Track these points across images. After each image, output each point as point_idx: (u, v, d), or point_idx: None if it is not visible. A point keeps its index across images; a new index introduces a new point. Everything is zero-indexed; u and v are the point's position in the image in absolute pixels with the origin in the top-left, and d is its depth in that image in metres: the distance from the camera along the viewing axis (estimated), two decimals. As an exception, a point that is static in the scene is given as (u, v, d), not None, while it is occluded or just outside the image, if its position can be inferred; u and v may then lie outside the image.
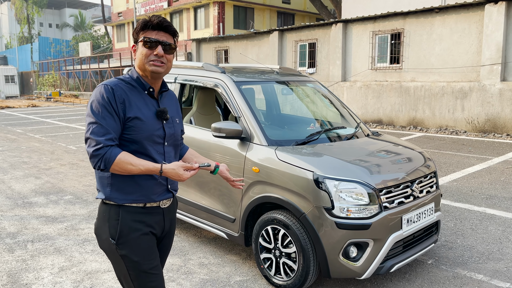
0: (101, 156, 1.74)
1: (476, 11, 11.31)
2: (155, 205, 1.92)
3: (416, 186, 3.25)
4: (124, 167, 1.75)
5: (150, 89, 1.92)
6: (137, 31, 1.88)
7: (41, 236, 4.37)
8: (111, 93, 1.81)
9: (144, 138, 1.85)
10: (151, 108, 1.90)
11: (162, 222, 1.97)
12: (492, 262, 3.70)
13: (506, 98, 10.73)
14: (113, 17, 38.28)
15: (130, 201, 1.86)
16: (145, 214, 1.90)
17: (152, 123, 1.87)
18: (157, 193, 1.91)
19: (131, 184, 1.85)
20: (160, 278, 1.95)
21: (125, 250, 1.86)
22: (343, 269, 2.94)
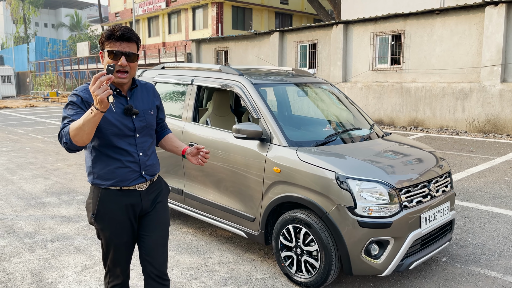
0: (61, 135, 2.00)
1: (477, 13, 11.46)
2: (131, 188, 2.21)
3: (433, 185, 3.34)
4: (75, 130, 1.92)
5: (116, 90, 2.16)
6: (102, 42, 2.10)
7: (59, 236, 4.42)
8: (78, 97, 2.08)
9: (112, 133, 2.11)
10: (120, 106, 2.14)
11: (140, 202, 2.24)
12: (504, 260, 3.81)
13: (506, 98, 10.88)
14: (110, 17, 38.23)
15: (108, 185, 2.16)
16: (121, 196, 2.19)
17: (120, 119, 2.13)
18: (130, 179, 2.19)
19: (108, 172, 2.15)
20: (128, 254, 2.29)
21: (100, 224, 2.21)
22: (364, 266, 3.03)
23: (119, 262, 2.28)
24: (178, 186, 4.34)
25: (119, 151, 2.15)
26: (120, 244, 2.24)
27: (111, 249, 2.24)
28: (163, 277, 2.30)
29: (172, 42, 30.92)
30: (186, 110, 4.33)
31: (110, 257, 2.27)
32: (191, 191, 4.21)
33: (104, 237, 2.23)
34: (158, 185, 2.37)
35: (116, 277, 2.31)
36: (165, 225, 2.37)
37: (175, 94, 4.75)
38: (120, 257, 2.27)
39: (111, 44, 2.06)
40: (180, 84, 4.56)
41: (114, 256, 2.26)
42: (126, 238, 2.25)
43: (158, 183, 2.37)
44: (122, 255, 2.27)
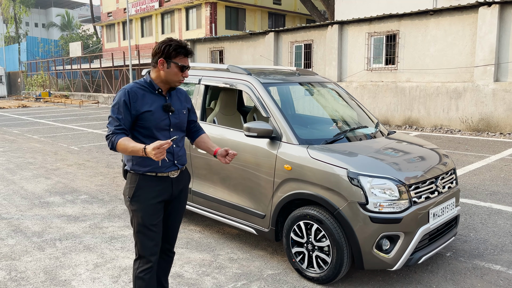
0: (110, 139, 2.38)
1: (470, 14, 11.64)
2: (165, 175, 2.53)
3: (440, 182, 3.44)
4: (122, 149, 2.35)
5: (159, 90, 2.52)
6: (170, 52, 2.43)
7: (67, 235, 4.45)
8: (127, 96, 2.43)
9: (153, 126, 2.46)
10: (159, 104, 2.50)
11: (171, 188, 2.56)
12: (506, 254, 3.91)
13: (499, 98, 11.07)
14: (102, 17, 38.01)
15: (145, 171, 2.48)
16: (156, 181, 2.50)
17: (159, 115, 2.48)
18: (165, 167, 2.51)
19: (146, 159, 2.45)
20: (156, 236, 2.54)
21: (135, 206, 2.48)
22: (376, 261, 3.11)
23: (149, 244, 2.51)
24: (186, 185, 4.38)
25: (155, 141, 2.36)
26: (151, 225, 2.50)
27: (142, 230, 2.49)
28: (171, 250, 2.80)
29: (166, 42, 30.80)
30: (193, 109, 4.37)
31: (141, 239, 2.50)
32: (199, 189, 4.26)
33: (137, 218, 2.49)
34: (186, 174, 2.72)
35: (147, 261, 2.53)
36: (183, 210, 2.78)
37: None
38: (150, 239, 2.51)
39: (180, 58, 2.45)
40: (187, 83, 4.60)
41: (145, 237, 2.50)
42: (156, 221, 2.52)
43: (186, 173, 2.72)
44: (152, 237, 2.51)
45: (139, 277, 2.54)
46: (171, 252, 2.79)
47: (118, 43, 35.77)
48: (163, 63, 2.44)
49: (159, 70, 2.45)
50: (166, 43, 2.43)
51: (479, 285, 3.35)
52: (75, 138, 11.59)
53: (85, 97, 29.44)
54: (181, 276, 3.52)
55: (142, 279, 2.54)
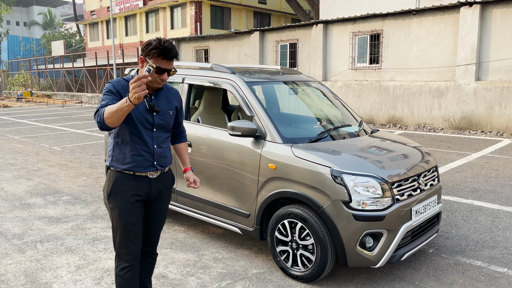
0: (98, 113, 2.27)
1: (452, 14, 11.82)
2: (143, 174, 2.47)
3: (422, 179, 3.48)
4: (109, 114, 2.19)
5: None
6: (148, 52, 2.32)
7: (48, 236, 4.37)
8: (113, 86, 2.39)
9: (136, 122, 2.40)
10: (143, 102, 2.42)
11: (149, 188, 2.50)
12: (487, 250, 3.98)
13: (480, 96, 11.27)
14: (85, 15, 37.51)
15: (123, 169, 2.44)
16: (134, 180, 2.46)
17: (142, 112, 2.42)
18: (143, 166, 2.46)
19: (125, 157, 2.43)
20: (135, 235, 2.49)
21: (112, 203, 2.46)
22: (359, 258, 3.13)
23: (126, 243, 2.48)
24: (170, 184, 4.34)
25: (137, 140, 2.44)
26: (128, 224, 2.46)
27: (119, 229, 2.47)
28: (153, 252, 2.75)
29: (150, 41, 30.54)
30: (177, 108, 4.34)
31: (119, 237, 2.49)
32: (183, 189, 4.23)
33: (114, 216, 2.47)
34: (168, 176, 2.64)
35: (124, 260, 2.52)
36: (165, 212, 2.71)
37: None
38: (128, 238, 2.48)
39: (157, 60, 2.30)
40: (171, 82, 4.56)
41: (122, 237, 2.47)
42: (134, 220, 2.48)
43: (168, 174, 2.64)
44: (130, 235, 2.48)
45: (119, 275, 2.53)
46: (154, 254, 2.75)
47: (102, 42, 35.34)
48: (143, 61, 2.38)
49: (141, 68, 2.41)
50: (148, 42, 2.36)
51: (460, 281, 3.40)
52: (57, 139, 11.41)
53: (68, 96, 29.01)
54: (165, 277, 3.49)
55: (123, 278, 2.53)
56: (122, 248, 2.50)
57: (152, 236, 2.67)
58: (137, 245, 2.52)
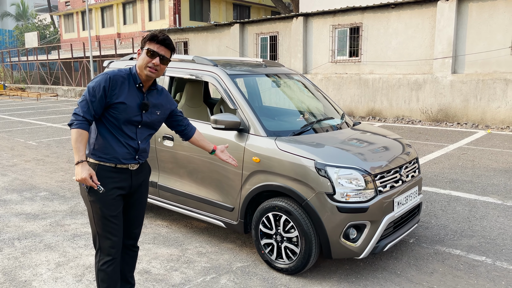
0: (74, 120, 2.31)
1: (429, 7, 11.99)
2: (124, 166, 2.48)
3: (404, 171, 3.52)
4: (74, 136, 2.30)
5: (140, 84, 2.46)
6: (145, 41, 2.41)
7: (26, 234, 4.26)
8: (108, 82, 2.36)
9: (123, 118, 2.41)
10: (136, 99, 2.44)
11: (130, 180, 2.52)
12: (465, 239, 4.08)
13: (456, 89, 11.51)
14: (59, 6, 36.52)
15: (105, 160, 2.42)
16: (115, 172, 2.45)
17: (133, 110, 2.42)
18: (126, 159, 2.47)
19: (108, 148, 2.42)
20: (116, 227, 2.50)
21: (93, 197, 2.42)
22: (343, 249, 3.16)
23: (108, 235, 2.47)
24: (152, 179, 4.29)
25: (122, 134, 2.45)
26: (110, 216, 2.45)
27: (101, 221, 2.45)
28: (135, 245, 2.75)
29: (128, 33, 30.02)
30: (158, 101, 4.27)
31: (100, 231, 2.47)
32: (166, 183, 4.18)
33: (96, 209, 2.44)
34: (146, 167, 2.69)
35: (107, 253, 2.50)
36: (145, 203, 2.74)
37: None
38: (110, 231, 2.47)
39: (152, 45, 2.37)
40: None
41: (104, 229, 2.46)
42: (116, 212, 2.48)
43: (146, 165, 2.69)
44: (112, 228, 2.47)
45: (101, 269, 2.51)
46: (135, 247, 2.75)
47: (78, 33, 34.51)
48: (139, 52, 2.44)
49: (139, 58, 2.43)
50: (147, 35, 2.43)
51: (440, 269, 3.48)
52: (32, 133, 11.11)
53: (43, 89, 28.26)
54: (148, 272, 3.45)
55: (104, 272, 2.51)
56: (104, 241, 2.48)
57: (134, 228, 2.69)
58: (119, 238, 2.52)
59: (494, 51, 11.00)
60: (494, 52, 11.00)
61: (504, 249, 3.84)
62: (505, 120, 10.79)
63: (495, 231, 4.24)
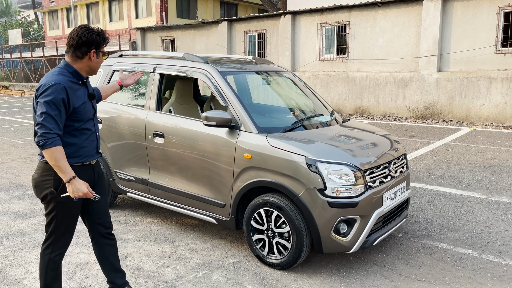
0: (46, 138, 2.30)
1: (415, 6, 12.14)
2: (88, 163, 2.61)
3: (393, 166, 3.59)
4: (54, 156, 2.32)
5: (84, 80, 2.56)
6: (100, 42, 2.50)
7: (15, 232, 4.21)
8: (65, 93, 2.38)
9: (86, 117, 2.53)
10: (85, 94, 2.55)
11: (93, 174, 2.66)
12: (452, 233, 4.17)
13: (442, 87, 11.69)
14: (44, 2, 35.94)
15: (74, 162, 2.49)
16: (82, 170, 2.54)
17: (89, 105, 2.56)
18: (90, 155, 2.61)
19: (76, 150, 2.51)
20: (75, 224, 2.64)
21: (63, 198, 2.45)
22: (334, 244, 3.21)
23: (69, 232, 2.61)
24: (143, 176, 4.28)
25: (85, 132, 2.55)
26: (75, 215, 2.59)
27: (66, 220, 2.54)
28: (111, 233, 2.83)
29: (114, 30, 29.70)
30: (148, 99, 4.27)
31: (63, 228, 2.55)
32: (156, 181, 4.18)
33: (63, 209, 2.50)
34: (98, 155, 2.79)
35: (63, 246, 2.62)
36: (106, 190, 2.91)
37: (136, 83, 4.64)
38: (71, 227, 2.60)
39: (104, 47, 2.54)
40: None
41: (67, 227, 2.57)
42: (80, 209, 2.62)
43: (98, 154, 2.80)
44: (73, 225, 2.61)
45: (53, 260, 2.59)
46: (112, 235, 2.83)
47: (62, 30, 34.01)
48: (94, 53, 2.48)
49: (89, 60, 2.48)
50: (95, 33, 2.45)
51: (428, 263, 3.55)
52: (18, 131, 10.95)
53: (27, 87, 27.81)
54: (140, 269, 3.45)
55: (56, 263, 2.61)
56: (63, 237, 2.59)
57: (106, 218, 2.79)
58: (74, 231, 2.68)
59: (478, 50, 11.20)
60: (479, 51, 11.20)
61: (489, 242, 3.94)
62: (489, 117, 11.00)
63: (481, 225, 4.34)
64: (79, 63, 2.48)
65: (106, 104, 4.61)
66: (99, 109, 4.65)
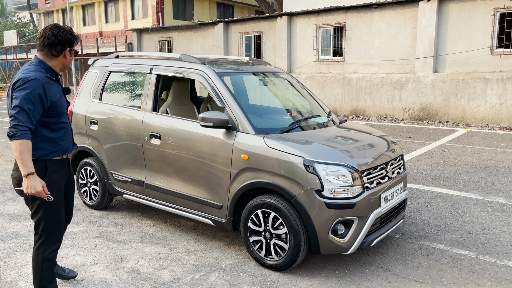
0: (17, 130, 2.37)
1: (411, 8, 12.18)
2: (66, 157, 2.74)
3: (390, 167, 3.59)
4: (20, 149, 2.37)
5: (58, 76, 2.69)
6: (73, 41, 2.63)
7: (10, 234, 4.18)
8: (42, 89, 2.48)
9: (62, 111, 2.67)
10: (60, 89, 2.68)
11: (68, 170, 2.80)
12: (449, 234, 4.18)
13: (438, 88, 11.73)
14: (39, 3, 35.82)
15: (54, 155, 2.62)
16: (61, 165, 2.68)
17: (63, 100, 2.71)
18: (69, 148, 2.75)
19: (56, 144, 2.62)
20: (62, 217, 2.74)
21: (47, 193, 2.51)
22: (331, 245, 3.20)
23: (58, 225, 2.69)
24: (139, 178, 4.26)
25: (62, 125, 2.68)
26: (60, 208, 2.70)
27: (52, 214, 2.63)
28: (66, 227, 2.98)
29: (110, 31, 29.64)
30: (145, 100, 4.25)
31: (51, 223, 2.64)
32: (153, 182, 4.16)
33: (49, 204, 2.58)
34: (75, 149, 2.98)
35: (55, 241, 2.71)
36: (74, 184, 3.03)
37: (132, 84, 4.63)
38: (59, 220, 2.69)
39: (75, 47, 2.68)
40: (138, 73, 4.46)
41: (56, 220, 2.66)
42: (63, 201, 2.74)
43: None
44: (61, 218, 2.71)
45: (48, 258, 2.66)
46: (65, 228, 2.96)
47: (58, 32, 33.84)
48: (69, 51, 2.63)
49: (63, 59, 2.62)
50: (69, 32, 2.59)
51: (426, 263, 3.55)
52: (13, 133, 10.87)
53: (23, 89, 27.59)
54: (137, 271, 3.43)
55: (51, 261, 2.68)
56: (54, 232, 2.67)
57: (71, 211, 2.97)
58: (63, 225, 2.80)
59: (474, 51, 11.25)
60: (474, 52, 11.25)
61: (486, 243, 3.95)
62: (485, 119, 11.05)
63: (477, 226, 4.35)
64: (54, 61, 2.60)
65: (102, 105, 4.59)
66: (95, 110, 4.63)
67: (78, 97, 4.90)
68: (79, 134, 4.80)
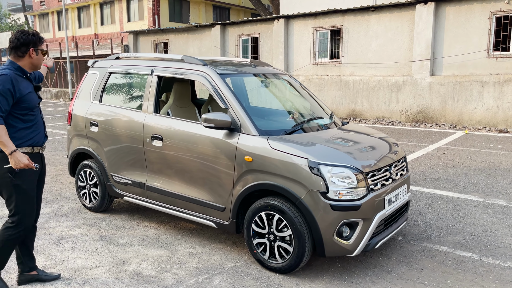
0: None
1: (408, 11, 12.24)
2: (37, 151, 3.03)
3: (393, 169, 3.58)
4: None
5: (28, 74, 3.01)
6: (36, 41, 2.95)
7: (9, 237, 4.11)
8: (11, 83, 2.81)
9: (33, 105, 2.96)
10: (30, 86, 3.00)
11: (41, 162, 3.08)
12: (451, 236, 4.17)
13: (435, 91, 11.77)
14: (34, 5, 35.69)
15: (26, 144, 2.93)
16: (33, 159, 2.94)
17: (34, 95, 2.99)
18: (41, 141, 3.05)
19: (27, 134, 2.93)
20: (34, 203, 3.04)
21: (19, 180, 2.89)
22: (336, 247, 3.18)
23: (31, 211, 3.01)
24: (140, 179, 4.22)
25: (33, 119, 2.98)
26: (33, 196, 3.01)
27: (26, 200, 2.95)
28: (37, 220, 3.21)
29: (106, 33, 29.55)
30: (146, 101, 4.22)
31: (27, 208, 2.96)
32: (154, 184, 4.12)
33: (21, 190, 2.92)
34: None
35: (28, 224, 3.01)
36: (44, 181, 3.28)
37: (133, 85, 4.60)
38: (32, 207, 3.01)
39: (41, 45, 3.00)
40: (139, 74, 4.43)
41: (29, 207, 2.98)
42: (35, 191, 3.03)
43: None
44: (33, 205, 3.02)
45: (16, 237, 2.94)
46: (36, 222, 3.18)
47: (53, 34, 33.77)
48: (33, 51, 2.93)
49: (29, 58, 2.93)
50: (31, 35, 2.91)
51: (430, 265, 3.54)
52: (9, 135, 10.78)
53: (18, 91, 27.41)
54: (139, 274, 3.39)
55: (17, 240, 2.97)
56: (27, 216, 2.98)
57: (39, 207, 3.22)
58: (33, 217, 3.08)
59: (471, 54, 11.30)
60: (471, 55, 11.31)
61: (489, 245, 3.94)
62: (482, 121, 11.10)
63: (479, 228, 4.35)
64: (22, 61, 2.93)
65: (103, 107, 4.55)
66: (95, 112, 4.59)
67: (77, 99, 4.86)
68: (78, 136, 4.76)
